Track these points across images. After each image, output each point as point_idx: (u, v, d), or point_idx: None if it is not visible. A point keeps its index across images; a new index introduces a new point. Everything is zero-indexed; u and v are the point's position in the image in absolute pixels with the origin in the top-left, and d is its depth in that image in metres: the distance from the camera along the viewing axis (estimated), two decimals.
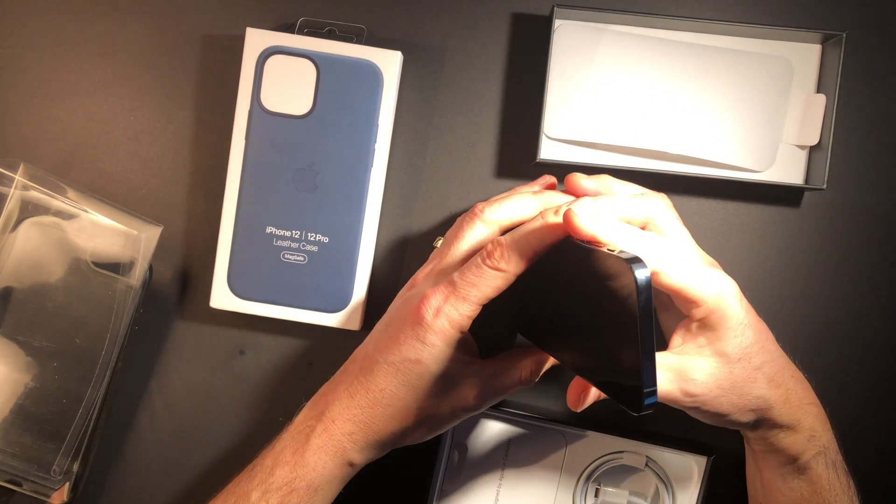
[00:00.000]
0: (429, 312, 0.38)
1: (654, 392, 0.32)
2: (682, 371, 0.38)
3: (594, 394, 0.38)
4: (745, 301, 0.39)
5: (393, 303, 0.42)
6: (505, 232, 0.39)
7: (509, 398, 0.49)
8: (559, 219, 0.37)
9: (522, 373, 0.41)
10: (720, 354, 0.38)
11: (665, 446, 0.46)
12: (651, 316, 0.31)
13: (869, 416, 0.42)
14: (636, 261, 0.31)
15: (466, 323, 0.38)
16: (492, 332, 0.44)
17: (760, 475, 0.43)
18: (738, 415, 0.39)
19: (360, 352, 0.41)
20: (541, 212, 0.38)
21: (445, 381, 0.39)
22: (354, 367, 0.40)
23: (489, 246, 0.38)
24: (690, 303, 0.38)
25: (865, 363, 0.48)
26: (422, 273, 0.42)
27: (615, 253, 0.32)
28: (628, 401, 0.33)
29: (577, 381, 0.38)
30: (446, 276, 0.39)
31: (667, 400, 0.38)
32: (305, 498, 0.39)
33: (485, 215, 0.40)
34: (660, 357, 0.38)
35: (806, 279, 0.48)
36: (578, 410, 0.38)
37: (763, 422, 0.40)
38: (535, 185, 0.44)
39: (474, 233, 0.40)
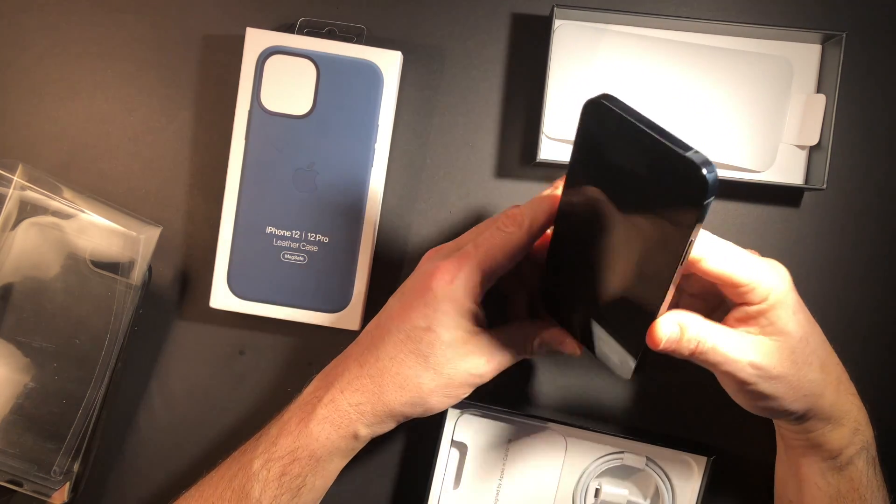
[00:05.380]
0: (441, 281, 0.38)
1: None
2: (749, 342, 0.37)
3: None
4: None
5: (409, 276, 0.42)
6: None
7: (510, 396, 0.49)
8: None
9: (529, 343, 0.41)
10: (782, 333, 0.37)
11: (665, 446, 0.46)
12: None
13: (868, 416, 0.42)
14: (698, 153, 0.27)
15: (479, 292, 0.38)
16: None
17: (797, 472, 0.42)
18: (791, 401, 0.38)
19: (372, 323, 0.41)
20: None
21: (455, 350, 0.38)
22: (366, 338, 0.41)
23: (505, 211, 0.38)
24: (743, 287, 0.36)
25: (864, 363, 0.48)
26: (438, 247, 0.42)
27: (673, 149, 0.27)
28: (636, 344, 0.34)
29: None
30: (461, 249, 0.39)
31: (731, 368, 0.37)
32: (308, 468, 0.39)
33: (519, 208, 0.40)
34: (725, 329, 0.38)
35: (806, 279, 0.48)
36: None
37: (811, 411, 0.39)
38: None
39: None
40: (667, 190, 0.29)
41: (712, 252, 0.36)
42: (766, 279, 0.37)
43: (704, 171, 0.26)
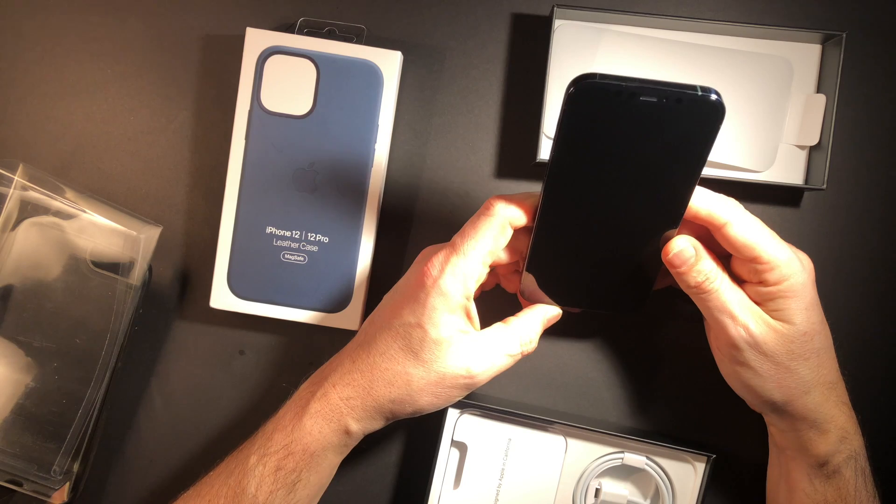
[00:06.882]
0: (430, 275, 0.38)
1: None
2: (753, 309, 0.38)
3: None
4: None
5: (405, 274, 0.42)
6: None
7: (510, 396, 0.49)
8: None
9: (521, 338, 0.40)
10: (787, 322, 0.38)
11: (665, 446, 0.46)
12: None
13: (867, 417, 0.42)
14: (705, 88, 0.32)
15: (470, 284, 0.38)
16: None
17: (787, 476, 0.42)
18: (772, 386, 0.39)
19: (367, 321, 0.42)
20: None
21: (446, 349, 0.38)
22: (360, 335, 0.41)
23: (487, 200, 0.38)
24: (763, 264, 0.37)
25: (864, 363, 0.48)
26: (435, 245, 0.42)
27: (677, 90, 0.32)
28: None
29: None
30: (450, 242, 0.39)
31: (726, 320, 0.38)
32: (301, 462, 0.39)
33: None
34: (735, 285, 0.39)
35: None
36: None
37: (791, 406, 0.39)
38: None
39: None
40: (679, 127, 0.33)
41: (741, 219, 0.37)
42: (788, 263, 0.37)
43: (713, 96, 0.32)
